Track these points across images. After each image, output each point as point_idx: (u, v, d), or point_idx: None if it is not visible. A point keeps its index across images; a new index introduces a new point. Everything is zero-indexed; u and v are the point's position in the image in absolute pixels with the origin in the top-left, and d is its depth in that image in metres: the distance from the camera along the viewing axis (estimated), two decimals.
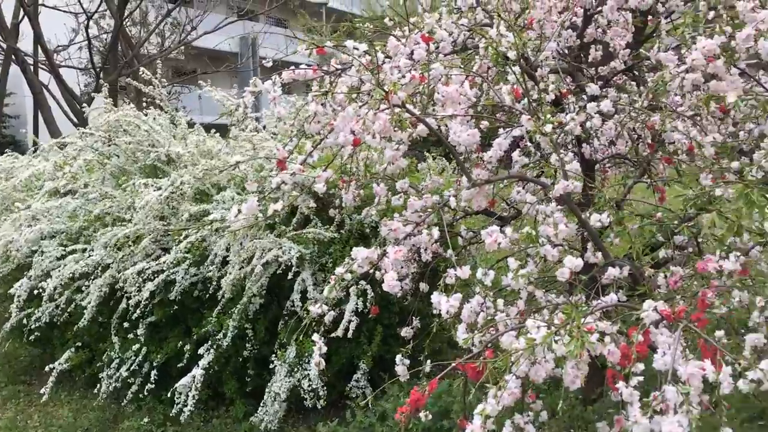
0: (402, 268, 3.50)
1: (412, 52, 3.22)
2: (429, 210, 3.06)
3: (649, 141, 3.99)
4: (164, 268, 4.42)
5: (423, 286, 3.58)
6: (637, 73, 4.26)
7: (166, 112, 5.37)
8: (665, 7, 3.63)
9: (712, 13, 3.09)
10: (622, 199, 4.04)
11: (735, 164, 2.75)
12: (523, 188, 3.16)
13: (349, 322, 4.00)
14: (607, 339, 2.10)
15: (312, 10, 20.73)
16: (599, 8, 3.67)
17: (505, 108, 3.25)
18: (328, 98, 2.83)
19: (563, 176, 2.81)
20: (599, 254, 2.93)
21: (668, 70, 2.95)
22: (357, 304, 4.10)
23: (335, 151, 3.34)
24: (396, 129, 2.62)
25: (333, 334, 3.90)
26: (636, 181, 4.24)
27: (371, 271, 2.74)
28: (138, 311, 4.52)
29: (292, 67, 3.34)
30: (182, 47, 11.98)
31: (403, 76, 2.98)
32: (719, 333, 2.02)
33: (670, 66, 3.03)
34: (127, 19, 11.48)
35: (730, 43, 2.82)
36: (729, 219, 2.05)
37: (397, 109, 2.75)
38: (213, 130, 5.64)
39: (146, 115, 5.15)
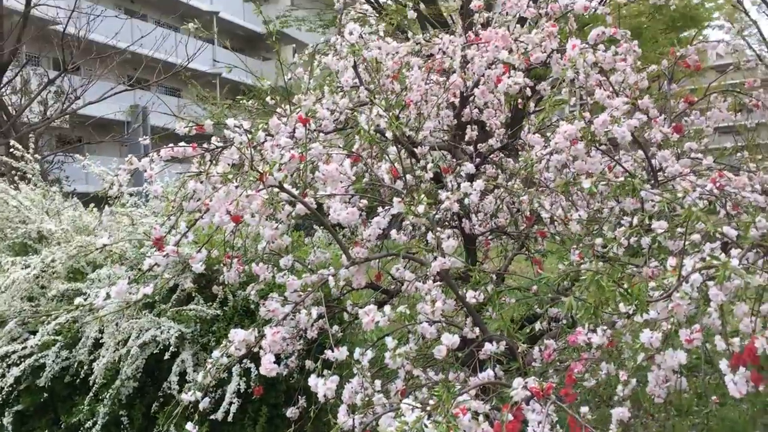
0: (287, 345, 3.44)
1: (294, 131, 3.25)
2: (309, 288, 3.03)
3: (527, 214, 4.18)
4: (32, 352, 4.13)
5: (309, 364, 3.52)
6: (511, 151, 4.48)
7: (38, 187, 5.12)
8: (534, 91, 3.87)
9: (573, 99, 3.32)
10: (503, 272, 4.17)
11: (599, 240, 2.90)
12: (404, 266, 3.21)
13: (230, 404, 3.85)
14: (480, 418, 2.12)
15: (205, 79, 20.67)
16: (473, 91, 3.86)
17: (384, 186, 3.32)
18: (205, 177, 2.79)
19: (440, 254, 2.87)
20: (477, 329, 2.99)
21: (535, 152, 3.12)
22: (239, 384, 3.97)
23: (216, 229, 3.28)
24: (272, 210, 2.61)
25: (213, 417, 3.74)
26: (515, 253, 4.40)
27: (255, 349, 2.67)
28: (1, 399, 4.18)
29: (171, 144, 3.29)
30: (66, 116, 11.59)
31: (283, 155, 2.99)
32: (584, 409, 2.07)
33: (537, 147, 3.21)
34: (5, 87, 11.02)
35: (589, 127, 3.03)
36: (585, 302, 2.15)
37: (274, 189, 2.75)
38: (93, 204, 5.43)
39: (17, 189, 4.90)
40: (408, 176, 3.64)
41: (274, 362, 2.54)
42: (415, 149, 3.94)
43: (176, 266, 3.74)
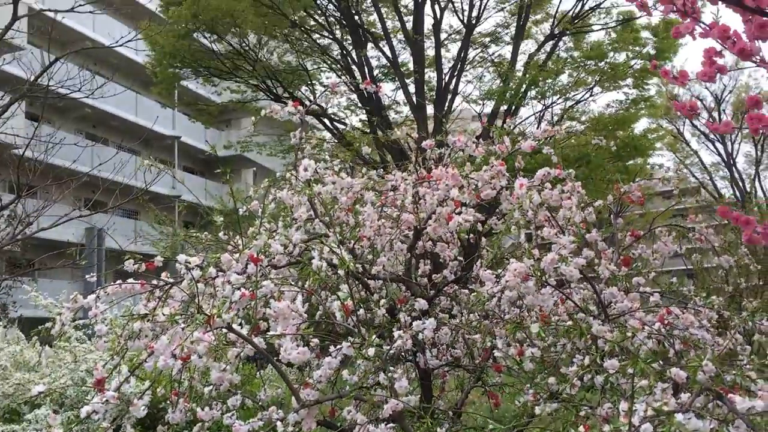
0: None
1: (245, 267, 3.23)
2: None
3: (483, 348, 4.15)
4: None
5: None
6: (465, 282, 4.50)
7: None
8: (485, 226, 3.96)
9: (523, 236, 3.40)
10: (459, 407, 4.08)
11: (552, 380, 2.88)
12: (356, 408, 3.12)
13: None
14: None
15: (162, 202, 20.70)
16: (426, 224, 3.92)
17: (336, 324, 3.28)
18: (151, 318, 2.73)
19: (393, 395, 2.81)
20: None
21: (487, 289, 3.15)
22: None
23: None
24: (220, 352, 2.54)
25: None
26: (472, 386, 4.32)
27: None
28: None
29: (119, 281, 3.24)
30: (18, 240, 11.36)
31: (233, 293, 2.95)
32: None
33: (488, 284, 3.24)
34: None
35: (538, 264, 3.08)
36: None
37: (223, 330, 2.69)
38: (36, 336, 5.23)
39: None
40: (361, 311, 3.62)
41: None
42: (369, 282, 3.94)
43: (118, 407, 3.57)
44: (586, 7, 16.21)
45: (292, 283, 3.37)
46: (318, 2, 16.56)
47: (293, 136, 4.31)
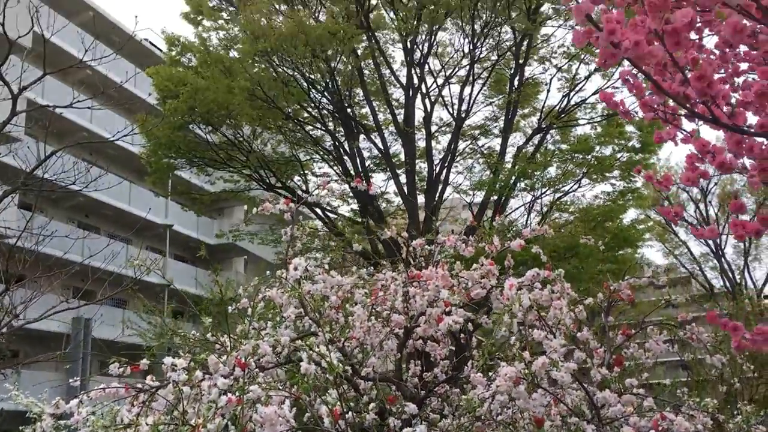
0: None
1: (233, 370, 3.19)
2: None
3: None
4: None
5: None
6: (456, 382, 4.44)
7: None
8: (473, 324, 3.94)
9: (513, 338, 3.38)
10: None
11: None
12: None
13: None
14: None
15: (151, 291, 20.55)
16: (416, 325, 3.90)
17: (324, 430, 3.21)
18: (134, 428, 2.66)
19: None
20: None
21: (477, 393, 3.10)
22: None
23: None
24: None
25: None
26: None
27: None
28: None
29: (103, 384, 3.18)
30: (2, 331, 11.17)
31: (220, 398, 2.90)
32: None
33: (479, 388, 3.19)
34: None
35: (529, 368, 3.05)
36: None
37: None
38: None
39: None
40: (350, 414, 3.54)
41: None
42: (358, 383, 3.88)
43: None
44: (572, 103, 16.70)
45: (281, 387, 3.32)
46: (312, 96, 17.01)
47: (284, 233, 4.34)
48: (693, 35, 2.36)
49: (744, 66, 3.03)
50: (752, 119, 2.28)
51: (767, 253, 26.10)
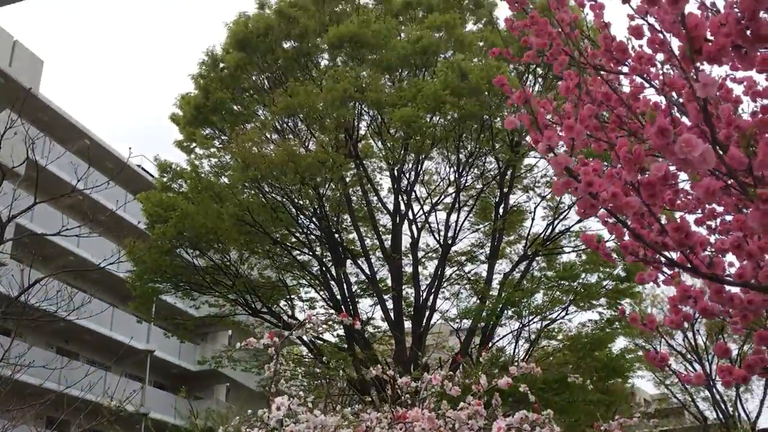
0: None
1: None
2: None
3: None
4: None
5: None
6: None
7: None
8: None
9: None
10: None
11: None
12: None
13: None
14: None
15: (128, 421, 19.75)
16: None
17: None
18: None
19: None
20: None
21: None
22: None
23: None
24: None
25: None
26: None
27: None
28: None
29: None
30: None
31: None
32: None
33: None
34: None
35: None
36: None
37: None
38: None
39: None
40: None
41: None
42: None
43: None
44: (556, 231, 16.98)
45: None
46: (300, 221, 17.23)
47: (267, 369, 4.26)
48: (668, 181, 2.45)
49: (720, 209, 3.13)
50: (732, 261, 2.32)
51: (759, 383, 25.71)
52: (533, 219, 17.51)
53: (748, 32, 1.23)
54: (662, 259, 2.37)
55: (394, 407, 3.85)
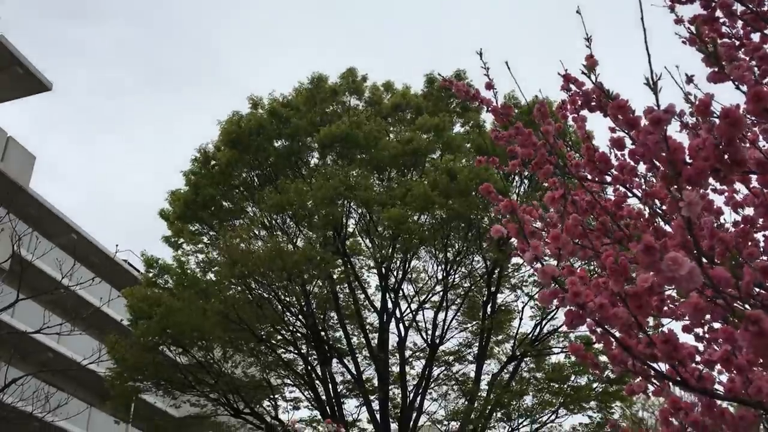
0: None
1: None
2: None
3: None
4: None
5: None
6: None
7: None
8: None
9: None
10: None
11: None
12: None
13: None
14: None
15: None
16: None
17: None
18: None
19: None
20: None
21: None
22: None
23: None
24: None
25: None
26: None
27: None
28: None
29: None
30: None
31: None
32: None
33: None
34: None
35: None
36: None
37: None
38: None
39: None
40: None
41: None
42: None
43: None
44: (545, 331, 16.86)
45: None
46: (286, 318, 17.03)
47: None
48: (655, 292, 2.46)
49: (707, 316, 3.13)
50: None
51: None
52: (521, 318, 17.43)
53: (726, 157, 1.28)
54: (651, 371, 2.35)
55: None
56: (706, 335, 3.08)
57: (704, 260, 1.77)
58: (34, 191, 24.87)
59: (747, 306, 1.58)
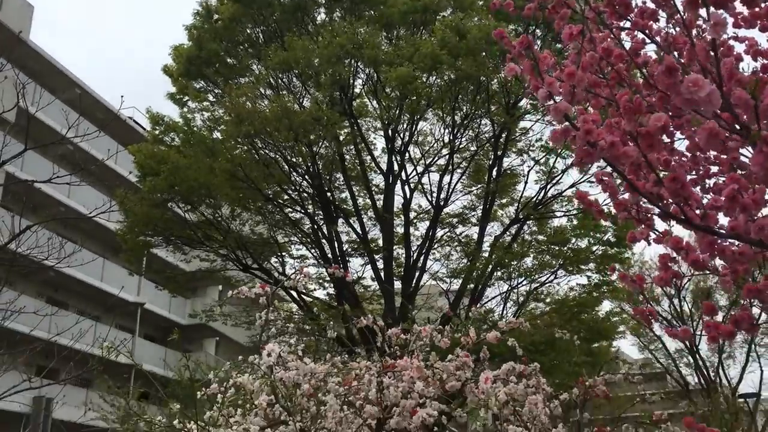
0: None
1: None
2: None
3: None
4: None
5: None
6: None
7: None
8: (447, 416, 3.86)
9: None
10: None
11: None
12: None
13: None
14: None
15: (118, 371, 19.94)
16: (390, 416, 3.80)
17: None
18: None
19: None
20: None
21: None
22: None
23: None
24: None
25: None
26: None
27: None
28: None
29: None
30: None
31: None
32: None
33: None
34: None
35: None
36: None
37: None
38: None
39: None
40: None
41: None
42: None
43: None
44: (549, 195, 17.02)
45: None
46: (292, 179, 17.16)
47: (258, 318, 4.29)
48: (665, 138, 2.45)
49: (714, 169, 3.13)
50: (723, 218, 2.33)
51: (741, 350, 26.15)
52: (526, 182, 17.52)
53: None
54: (656, 211, 2.38)
55: (383, 358, 3.89)
56: (712, 188, 3.09)
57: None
58: (34, 43, 24.35)
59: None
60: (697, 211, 2.23)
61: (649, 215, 2.57)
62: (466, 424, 3.72)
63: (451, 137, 16.79)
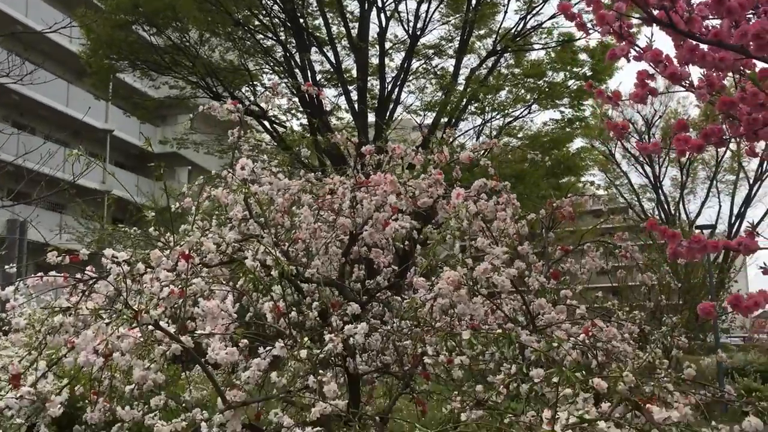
0: None
1: (176, 264, 3.15)
2: None
3: (412, 355, 4.16)
4: None
5: None
6: (398, 289, 4.52)
7: None
8: (420, 236, 3.99)
9: (458, 246, 3.44)
10: (386, 414, 4.08)
11: (479, 387, 2.92)
12: (282, 410, 3.08)
13: None
14: None
15: (92, 196, 20.04)
16: (362, 230, 3.92)
17: (267, 326, 3.24)
18: (74, 312, 2.63)
19: (321, 398, 2.79)
20: None
21: (420, 296, 3.17)
22: None
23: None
24: (145, 350, 2.47)
25: None
26: (400, 393, 4.33)
27: None
28: None
29: (40, 273, 3.12)
30: None
31: (162, 290, 2.88)
32: None
33: (421, 291, 3.26)
34: None
35: (471, 273, 3.12)
36: None
37: (149, 327, 2.62)
38: None
39: None
40: (293, 313, 3.58)
41: None
42: (302, 285, 3.91)
43: (33, 404, 3.43)
44: (528, 26, 16.59)
45: (224, 282, 3.31)
46: (263, 2, 16.40)
47: (231, 134, 4.26)
48: None
49: None
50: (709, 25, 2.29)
51: (703, 186, 27.15)
52: (506, 12, 16.98)
53: None
54: (638, 21, 2.33)
55: (357, 173, 3.94)
56: None
57: None
58: None
59: None
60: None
61: (631, 31, 2.52)
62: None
63: None
